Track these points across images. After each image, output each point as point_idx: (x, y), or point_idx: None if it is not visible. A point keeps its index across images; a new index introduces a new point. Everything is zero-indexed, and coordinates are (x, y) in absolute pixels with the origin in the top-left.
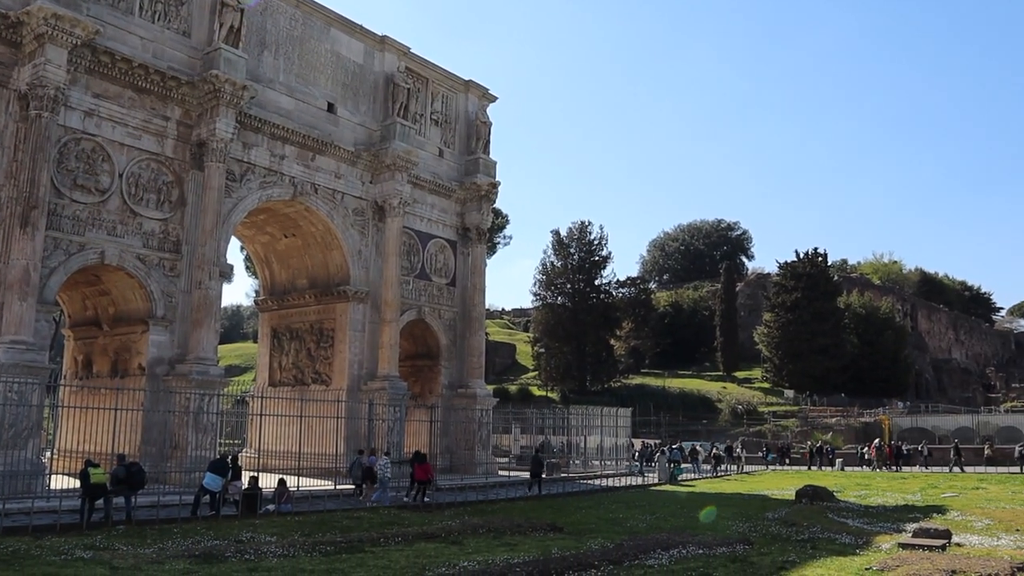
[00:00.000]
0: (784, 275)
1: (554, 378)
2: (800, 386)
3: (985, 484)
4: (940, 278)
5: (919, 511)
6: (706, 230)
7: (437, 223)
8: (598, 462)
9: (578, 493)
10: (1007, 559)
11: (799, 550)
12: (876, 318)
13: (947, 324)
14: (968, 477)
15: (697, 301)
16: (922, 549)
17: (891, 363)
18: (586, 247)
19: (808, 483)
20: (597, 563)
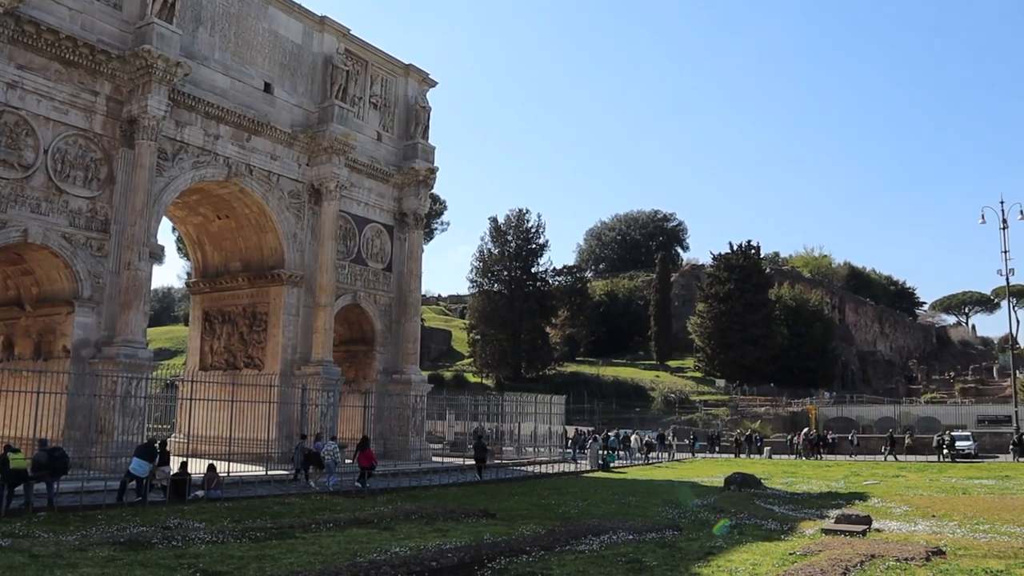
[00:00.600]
0: (718, 266)
1: (489, 365)
2: (731, 376)
3: (905, 472)
4: (868, 272)
5: (842, 498)
6: (643, 220)
7: (374, 208)
8: (532, 449)
9: (511, 480)
10: (923, 544)
11: (726, 535)
12: (806, 310)
13: (873, 317)
14: (889, 465)
15: (632, 291)
16: (844, 534)
17: (819, 354)
18: (523, 235)
19: (737, 470)
20: (529, 549)
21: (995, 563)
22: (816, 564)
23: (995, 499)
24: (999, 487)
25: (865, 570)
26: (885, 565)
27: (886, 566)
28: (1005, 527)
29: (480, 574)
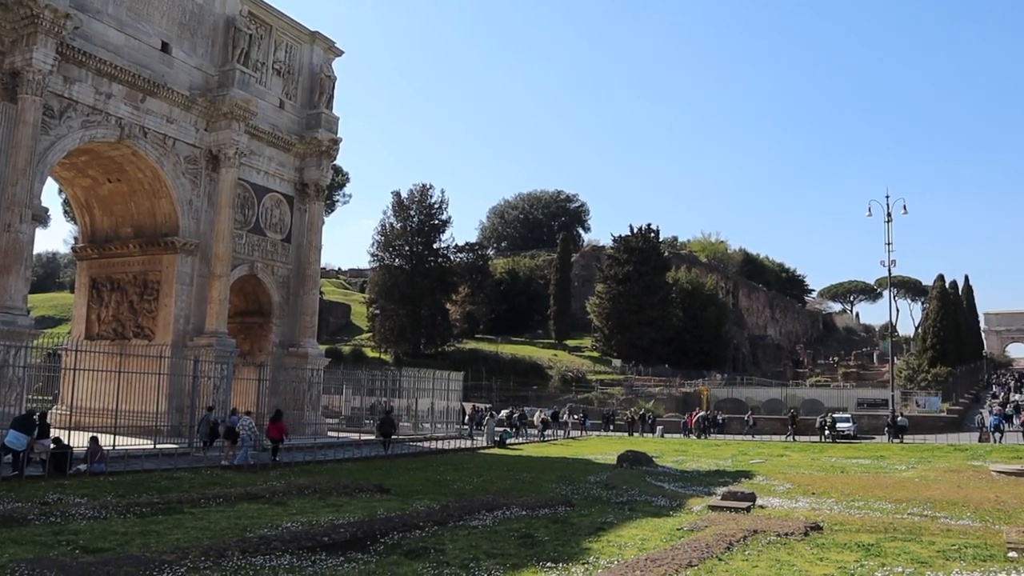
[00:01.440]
0: (618, 248)
1: (388, 340)
2: (627, 356)
3: (789, 452)
4: (761, 259)
5: (729, 476)
6: (546, 200)
7: (274, 177)
8: (429, 425)
9: (407, 455)
10: (802, 519)
11: (617, 512)
12: (701, 294)
13: (765, 303)
14: (775, 445)
15: (533, 269)
16: (729, 511)
17: (713, 337)
18: (426, 210)
19: (630, 448)
20: (422, 524)
21: (867, 537)
22: (702, 539)
23: (870, 478)
24: (874, 466)
25: (748, 544)
26: (767, 540)
27: (767, 541)
28: (878, 504)
29: (373, 549)
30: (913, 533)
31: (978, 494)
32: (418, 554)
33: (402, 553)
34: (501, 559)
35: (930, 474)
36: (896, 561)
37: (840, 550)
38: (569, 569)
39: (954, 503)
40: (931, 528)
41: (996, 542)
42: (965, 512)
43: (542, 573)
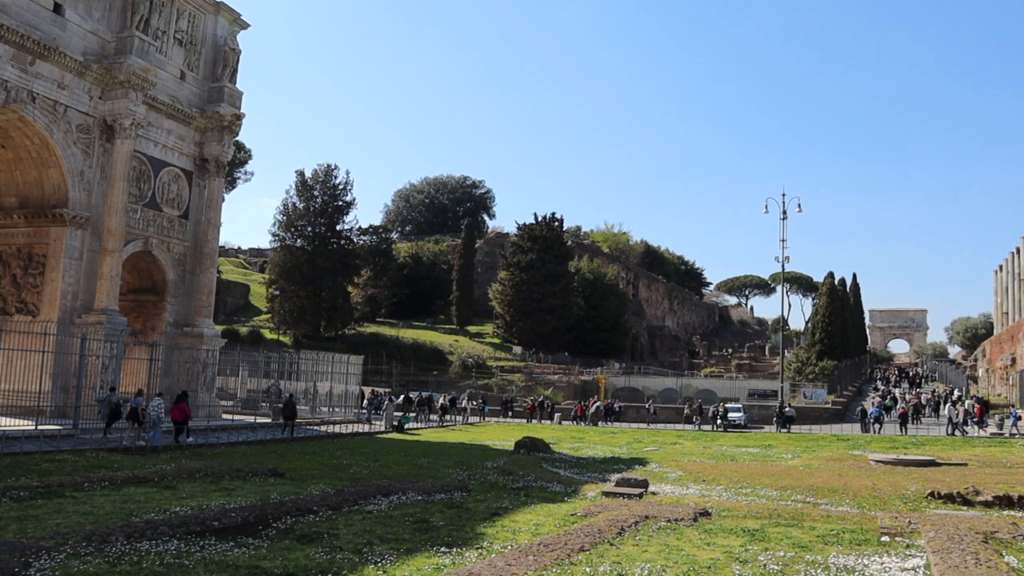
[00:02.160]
0: (522, 236)
1: (287, 322)
2: (528, 343)
3: (682, 440)
4: (662, 252)
5: (624, 463)
6: (452, 185)
7: (173, 150)
8: (327, 408)
9: (304, 439)
10: (692, 505)
11: (513, 497)
12: (602, 284)
13: (664, 294)
14: (668, 433)
15: (437, 254)
16: (622, 497)
17: (612, 327)
18: (330, 191)
19: (527, 435)
20: (316, 509)
21: (753, 523)
22: (594, 524)
23: (758, 466)
24: (762, 455)
25: (639, 530)
26: (657, 525)
27: (658, 526)
28: (764, 491)
29: (264, 534)
30: (796, 519)
31: (857, 482)
32: (311, 539)
33: (295, 538)
34: (395, 544)
35: (814, 463)
36: (778, 545)
37: (727, 535)
38: (463, 554)
39: (835, 490)
40: (812, 514)
41: (871, 527)
42: (844, 499)
43: (436, 558)
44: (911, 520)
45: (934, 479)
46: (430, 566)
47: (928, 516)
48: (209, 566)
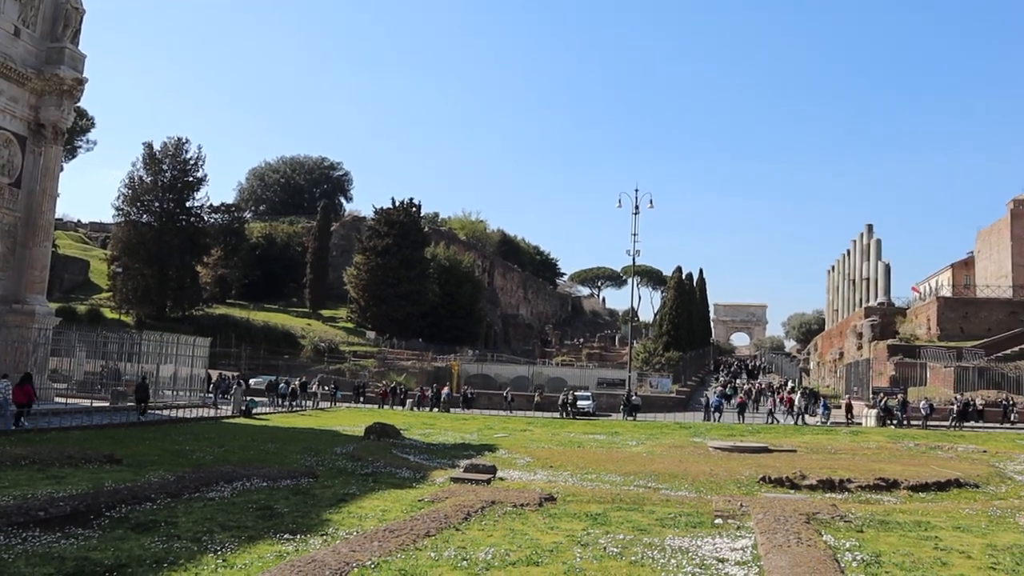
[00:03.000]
0: (379, 220)
1: (131, 301)
2: (382, 328)
3: (532, 427)
4: (518, 241)
5: (474, 449)
6: (309, 166)
7: (4, 113)
8: (170, 392)
9: (144, 424)
10: (538, 491)
11: (361, 483)
12: (458, 271)
13: (519, 283)
14: (518, 420)
15: (292, 236)
16: (471, 483)
17: (467, 314)
18: (180, 165)
19: (378, 421)
20: (154, 496)
21: (596, 507)
22: (441, 510)
23: (604, 452)
24: (608, 442)
25: (485, 515)
26: (503, 510)
27: (504, 511)
28: (608, 476)
29: (96, 524)
30: (637, 503)
31: (696, 468)
32: (147, 528)
33: (129, 527)
34: (237, 531)
35: (657, 449)
36: (619, 529)
37: (570, 519)
38: (307, 540)
39: (675, 476)
40: (653, 499)
41: (706, 511)
42: (683, 484)
43: (279, 545)
44: (743, 503)
45: (766, 465)
46: (272, 553)
47: (758, 499)
48: (32, 559)
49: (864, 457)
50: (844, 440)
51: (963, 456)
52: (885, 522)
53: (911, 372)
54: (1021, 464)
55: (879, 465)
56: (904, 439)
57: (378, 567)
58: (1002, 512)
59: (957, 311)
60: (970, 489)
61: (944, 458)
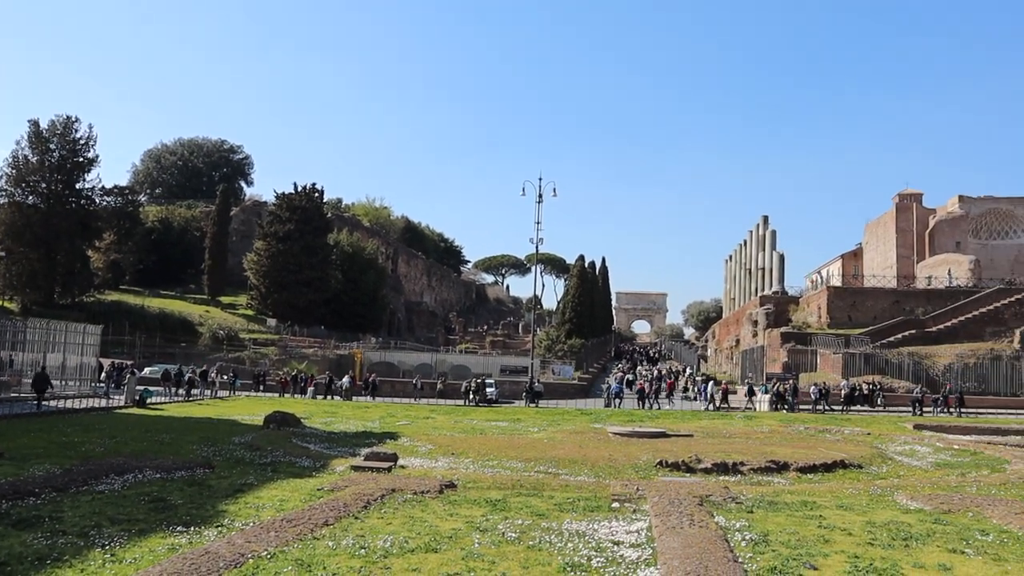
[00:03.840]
0: (280, 205)
1: (15, 287)
2: (283, 315)
3: (435, 414)
4: (422, 228)
5: (376, 437)
6: (208, 148)
7: None
8: (59, 382)
9: (30, 415)
10: (439, 478)
11: (259, 473)
12: (361, 258)
13: (423, 270)
14: (421, 408)
15: (189, 220)
16: (371, 471)
17: (370, 301)
18: (70, 145)
19: (278, 409)
20: (38, 490)
21: (496, 493)
22: (340, 499)
23: (506, 439)
24: (510, 428)
25: (385, 503)
26: (403, 498)
27: (404, 499)
28: (510, 462)
29: None
30: (537, 489)
31: (595, 453)
32: (30, 523)
33: (10, 523)
34: (127, 525)
35: (558, 435)
36: (518, 514)
37: (470, 506)
38: (202, 532)
39: (575, 461)
40: (552, 484)
41: (604, 495)
42: (583, 469)
43: (171, 538)
44: (639, 487)
45: (664, 449)
46: (164, 546)
47: (654, 483)
48: None
49: (757, 441)
50: (739, 425)
51: (849, 439)
52: (774, 503)
53: (802, 358)
54: (901, 445)
55: (771, 448)
56: (795, 423)
57: (274, 557)
58: (882, 491)
59: (846, 300)
60: (854, 470)
61: (831, 441)
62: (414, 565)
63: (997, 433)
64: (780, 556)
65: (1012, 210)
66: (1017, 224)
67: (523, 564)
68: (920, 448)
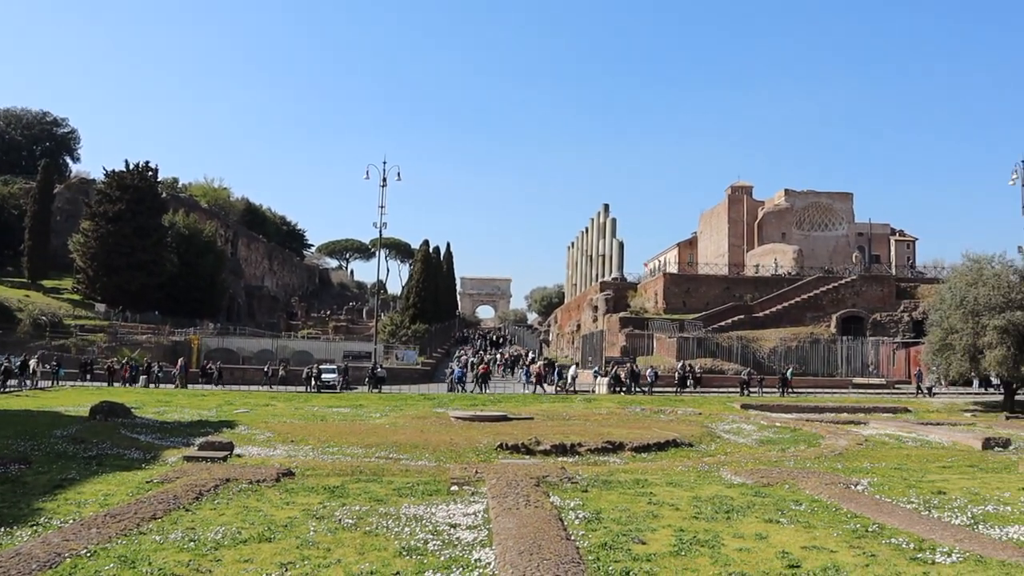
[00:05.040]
0: (110, 184)
1: None
2: (114, 300)
3: (275, 401)
4: (264, 210)
5: (212, 426)
6: (28, 120)
7: None
8: None
9: None
10: (276, 466)
11: (83, 467)
12: (199, 240)
13: (264, 254)
14: (261, 395)
15: (7, 198)
16: (205, 461)
17: (208, 285)
18: None
19: (107, 399)
20: None
21: (335, 480)
22: (171, 491)
23: (347, 425)
24: (352, 414)
25: (218, 494)
26: (238, 488)
27: (239, 488)
28: (350, 448)
29: None
30: (376, 474)
31: (437, 437)
32: None
33: None
34: None
35: (400, 420)
36: (356, 500)
37: (307, 494)
38: (13, 533)
39: (416, 446)
40: (392, 469)
41: (444, 479)
42: (424, 454)
43: None
44: (478, 470)
45: (505, 432)
46: None
47: (493, 466)
48: None
49: (595, 422)
50: (578, 407)
51: (682, 419)
52: (608, 481)
53: (640, 342)
54: (729, 424)
55: (608, 429)
56: (632, 404)
57: (95, 555)
58: (709, 467)
59: (681, 286)
60: (685, 448)
61: (665, 421)
62: (246, 556)
63: (815, 411)
64: (611, 532)
65: (831, 204)
66: (836, 217)
67: (359, 550)
68: (746, 427)
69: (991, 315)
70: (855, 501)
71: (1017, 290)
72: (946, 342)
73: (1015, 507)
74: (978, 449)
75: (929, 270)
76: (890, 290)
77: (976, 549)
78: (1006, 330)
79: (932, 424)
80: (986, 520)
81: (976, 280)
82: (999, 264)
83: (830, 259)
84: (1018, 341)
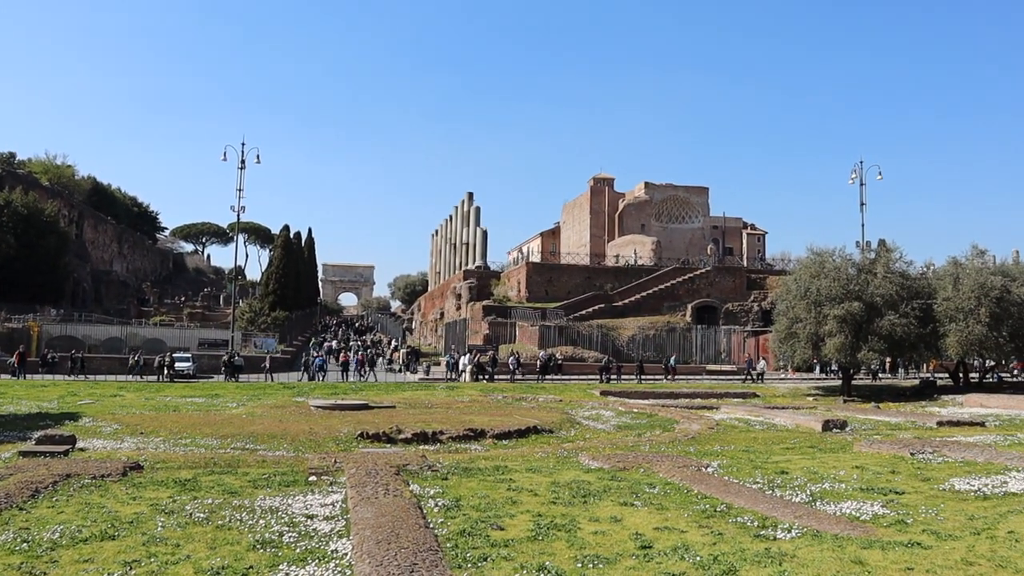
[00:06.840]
0: None
1: None
2: None
3: (124, 392)
4: (112, 191)
5: (52, 419)
6: None
7: None
8: None
9: None
10: (123, 460)
11: None
12: (39, 221)
13: (113, 236)
14: (108, 385)
15: None
16: (44, 456)
17: (51, 269)
18: None
19: None
20: None
21: (187, 473)
22: (3, 489)
23: (202, 415)
24: (207, 404)
25: (57, 490)
26: (80, 483)
27: (81, 484)
28: (204, 440)
29: None
30: (232, 466)
31: (296, 427)
32: None
33: None
34: None
35: (258, 410)
36: (208, 493)
37: (156, 487)
38: None
39: (274, 436)
40: (249, 460)
41: (302, 469)
42: (282, 444)
43: None
44: (337, 459)
45: (366, 421)
46: None
47: (353, 455)
48: None
49: (457, 410)
50: (441, 395)
51: (543, 406)
52: (468, 469)
53: (503, 331)
54: (589, 410)
55: (470, 417)
56: (495, 392)
57: None
58: (568, 453)
59: (544, 275)
60: (546, 435)
61: (527, 408)
62: (86, 555)
63: (671, 397)
64: (470, 519)
65: (688, 198)
66: (692, 210)
67: (210, 545)
68: (605, 412)
69: (831, 305)
70: (705, 483)
71: (855, 282)
72: (791, 331)
73: (848, 484)
74: (818, 431)
75: (777, 262)
76: (742, 281)
77: (813, 525)
78: (844, 319)
79: (778, 408)
80: (823, 497)
81: (819, 272)
82: (839, 258)
83: (687, 251)
84: (855, 330)
